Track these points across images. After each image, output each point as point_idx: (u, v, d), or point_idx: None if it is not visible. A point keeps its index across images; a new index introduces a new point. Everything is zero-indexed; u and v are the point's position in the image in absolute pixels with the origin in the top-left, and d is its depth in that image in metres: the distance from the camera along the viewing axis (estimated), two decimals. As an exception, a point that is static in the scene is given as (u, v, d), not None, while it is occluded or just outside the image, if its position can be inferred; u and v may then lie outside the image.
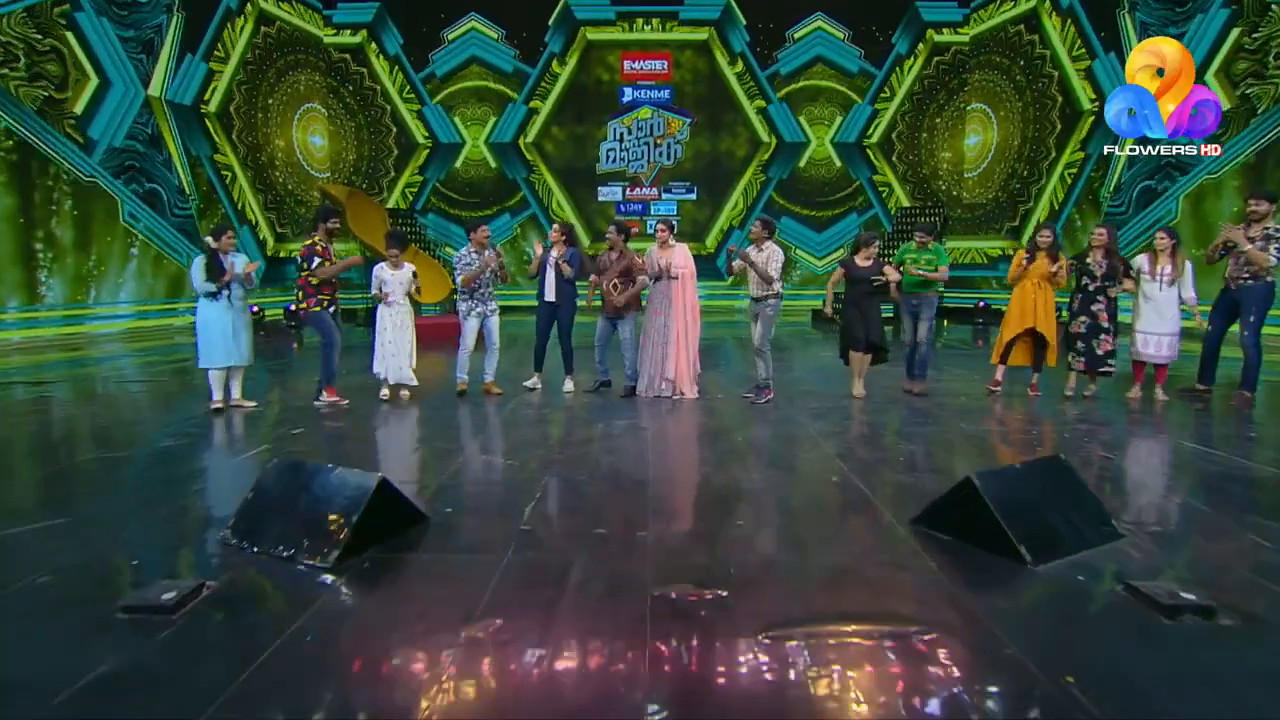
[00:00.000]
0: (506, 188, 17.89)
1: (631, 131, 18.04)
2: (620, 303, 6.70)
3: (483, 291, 6.84)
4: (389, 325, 6.51)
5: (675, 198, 18.24)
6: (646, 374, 6.79)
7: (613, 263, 6.78)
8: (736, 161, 17.98)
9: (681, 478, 4.55)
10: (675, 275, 6.60)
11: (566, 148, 17.93)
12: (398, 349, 6.54)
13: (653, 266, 6.64)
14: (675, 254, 6.63)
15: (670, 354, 6.66)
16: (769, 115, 17.87)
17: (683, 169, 18.07)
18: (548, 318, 6.99)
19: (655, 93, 18.06)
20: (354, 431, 5.70)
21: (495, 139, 17.72)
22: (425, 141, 17.79)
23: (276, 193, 15.60)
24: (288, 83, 15.86)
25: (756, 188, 18.13)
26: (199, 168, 13.48)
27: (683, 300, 6.63)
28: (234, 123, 14.32)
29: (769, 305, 6.48)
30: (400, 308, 6.54)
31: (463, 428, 5.91)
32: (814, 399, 6.97)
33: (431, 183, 17.83)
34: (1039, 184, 14.78)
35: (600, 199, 18.19)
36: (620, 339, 6.86)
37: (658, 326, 6.67)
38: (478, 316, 6.85)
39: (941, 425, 5.92)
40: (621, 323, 6.80)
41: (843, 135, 17.88)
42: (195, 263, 6.02)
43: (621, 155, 18.15)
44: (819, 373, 8.77)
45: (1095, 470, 4.61)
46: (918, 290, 7.00)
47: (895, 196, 18.01)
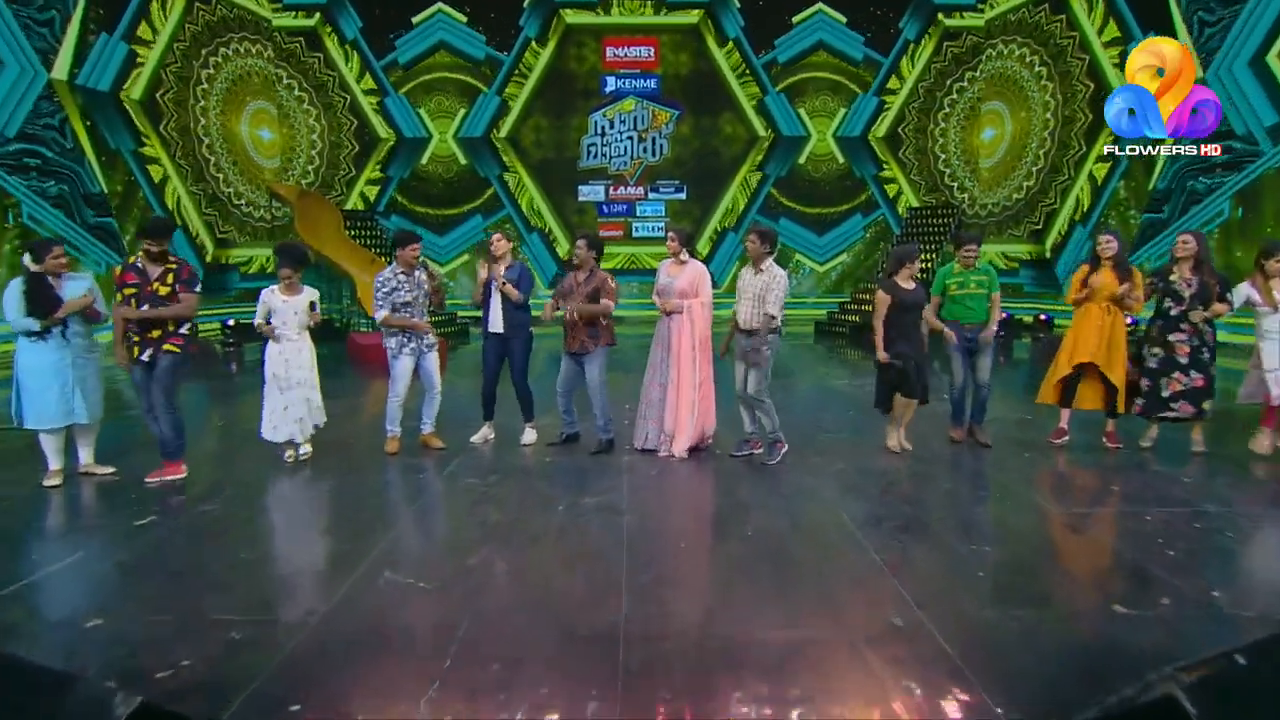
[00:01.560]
0: (478, 186, 16.93)
1: (614, 125, 16.99)
2: (576, 319, 5.35)
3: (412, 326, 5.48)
4: (279, 371, 5.09)
5: (663, 197, 17.29)
6: (644, 424, 5.53)
7: (578, 286, 5.40)
8: (730, 158, 17.09)
9: (667, 620, 3.10)
10: (679, 309, 5.26)
11: (544, 143, 17.03)
12: (290, 403, 5.09)
13: (664, 288, 5.35)
14: (684, 274, 5.28)
15: (669, 400, 5.37)
16: (766, 107, 16.92)
17: (671, 166, 17.13)
18: (496, 354, 5.68)
19: (640, 82, 16.98)
20: (224, 520, 4.22)
21: (465, 133, 16.76)
22: (388, 136, 16.74)
23: (217, 192, 14.32)
24: (230, 69, 14.52)
25: (752, 186, 17.20)
26: (119, 163, 11.98)
27: (689, 335, 5.27)
28: (163, 112, 12.98)
29: (767, 343, 5.11)
30: (294, 345, 5.15)
31: (380, 510, 4.48)
32: (838, 455, 5.57)
33: (395, 181, 16.80)
34: (1064, 182, 13.49)
35: (581, 198, 17.21)
36: (589, 380, 5.51)
37: (656, 364, 5.41)
38: (411, 354, 5.51)
39: (1016, 502, 4.54)
40: (588, 360, 5.49)
41: (846, 129, 16.92)
42: (9, 291, 4.52)
43: (604, 151, 17.08)
44: (832, 407, 7.36)
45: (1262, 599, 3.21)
46: (975, 321, 5.59)
47: (904, 196, 17.02)
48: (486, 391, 5.81)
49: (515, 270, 5.53)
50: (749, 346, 5.16)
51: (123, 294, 4.60)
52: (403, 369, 5.48)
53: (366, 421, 6.69)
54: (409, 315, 5.46)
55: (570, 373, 5.63)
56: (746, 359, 5.19)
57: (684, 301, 5.28)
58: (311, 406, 5.29)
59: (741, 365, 5.27)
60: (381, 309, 5.34)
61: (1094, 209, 13.08)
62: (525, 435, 5.87)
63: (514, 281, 5.48)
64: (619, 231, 17.32)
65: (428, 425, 5.73)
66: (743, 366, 5.26)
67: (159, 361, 4.70)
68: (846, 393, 8.31)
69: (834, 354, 12.12)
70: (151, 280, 4.68)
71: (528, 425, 5.91)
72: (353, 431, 6.29)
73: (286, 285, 5.14)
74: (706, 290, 5.33)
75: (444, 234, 16.91)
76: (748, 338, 5.18)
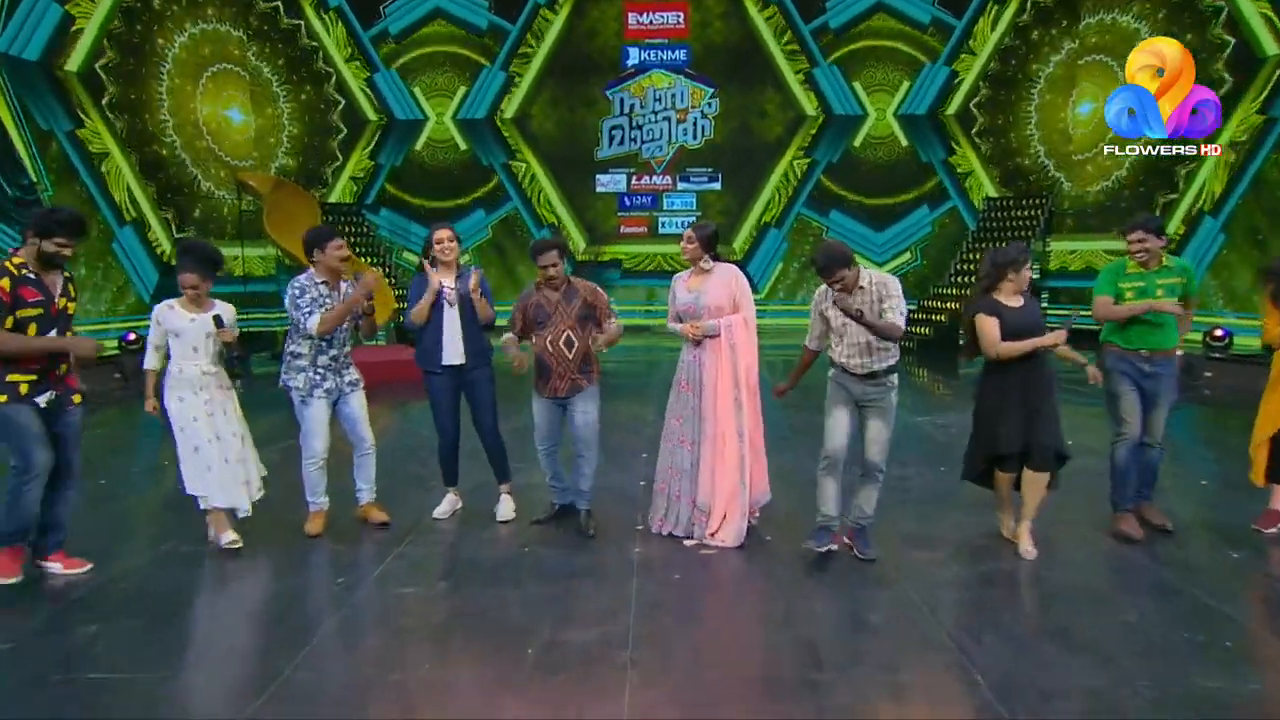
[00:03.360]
0: (480, 175, 16.15)
1: (645, 104, 16.05)
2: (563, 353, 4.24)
3: (334, 353, 4.32)
4: (199, 413, 4.02)
5: (694, 188, 16.28)
6: (666, 496, 4.35)
7: (554, 307, 4.25)
8: (772, 141, 16.05)
9: None
10: (713, 331, 4.12)
11: (557, 125, 16.18)
12: (225, 454, 4.07)
13: (687, 308, 4.25)
14: (711, 285, 4.18)
15: (705, 464, 4.16)
16: (815, 81, 15.86)
17: (704, 152, 16.17)
18: (453, 393, 4.49)
19: (668, 54, 16.00)
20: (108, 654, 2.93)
21: (466, 114, 16.02)
22: (377, 118, 16.01)
23: (175, 182, 13.36)
24: (192, 39, 13.57)
25: (798, 174, 16.09)
26: (53, 147, 11.12)
27: (730, 368, 4.12)
28: (106, 87, 12.00)
29: (892, 383, 3.92)
30: (212, 380, 4.08)
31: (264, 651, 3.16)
32: (941, 543, 4.26)
33: (386, 170, 16.05)
34: (1189, 165, 11.84)
35: (599, 188, 16.32)
36: (571, 430, 4.35)
37: (685, 413, 4.26)
38: (326, 396, 4.28)
39: (1258, 648, 3.07)
40: (574, 402, 4.31)
41: (910, 106, 15.72)
42: None
43: (633, 135, 16.17)
44: (911, 456, 5.92)
45: None
46: (1155, 346, 4.13)
47: (979, 184, 15.66)
48: (446, 448, 4.63)
49: (469, 279, 4.34)
50: (869, 397, 3.90)
51: (13, 317, 3.51)
52: (315, 418, 4.25)
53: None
54: (331, 351, 4.30)
55: (553, 422, 4.42)
56: (864, 406, 3.93)
57: (719, 322, 4.12)
58: (246, 460, 4.21)
59: (844, 413, 3.95)
60: (311, 314, 4.13)
61: (1228, 196, 11.45)
62: (501, 507, 4.66)
63: (466, 292, 4.34)
64: (642, 228, 16.39)
65: (364, 494, 4.54)
66: (845, 416, 3.95)
67: (67, 414, 3.76)
68: (928, 434, 6.89)
69: (900, 376, 10.53)
70: (55, 295, 3.66)
71: (503, 490, 4.70)
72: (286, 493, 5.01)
73: (189, 297, 4.00)
74: (747, 301, 4.21)
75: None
76: (863, 379, 3.89)
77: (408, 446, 6.38)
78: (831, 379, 4.01)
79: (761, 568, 3.99)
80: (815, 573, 3.88)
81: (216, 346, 4.05)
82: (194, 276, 3.95)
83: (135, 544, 4.41)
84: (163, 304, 4.06)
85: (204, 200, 13.88)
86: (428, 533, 4.46)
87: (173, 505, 4.67)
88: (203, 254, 4.05)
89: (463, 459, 4.73)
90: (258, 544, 4.21)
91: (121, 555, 4.11)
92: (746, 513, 4.15)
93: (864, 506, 4.01)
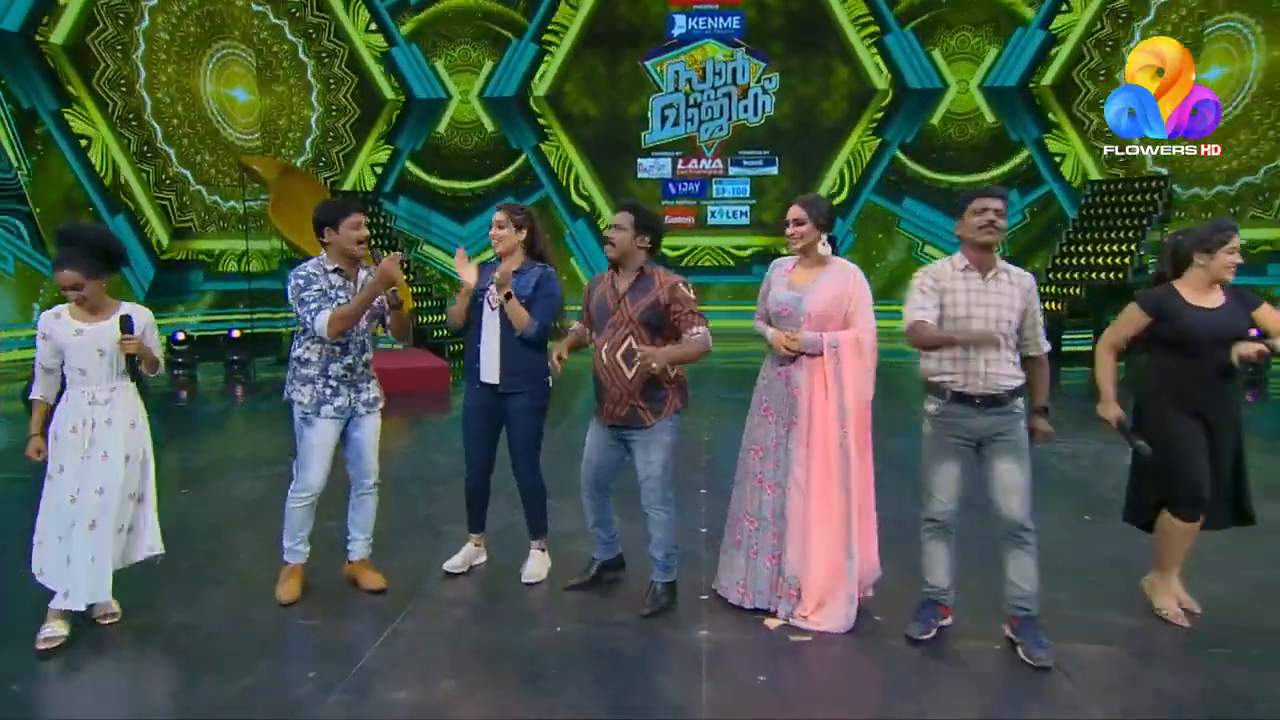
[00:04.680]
0: (509, 160, 16.00)
1: (705, 79, 15.66)
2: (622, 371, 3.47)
3: (349, 361, 3.65)
4: (71, 460, 3.26)
5: (748, 172, 15.90)
6: (743, 553, 3.58)
7: (620, 301, 3.48)
8: (837, 119, 15.65)
9: None
10: (813, 347, 3.39)
11: (594, 104, 15.94)
12: (90, 526, 3.22)
13: (783, 309, 3.49)
14: (821, 285, 3.43)
15: (794, 518, 3.44)
16: (887, 50, 15.36)
17: (759, 132, 15.83)
18: (487, 420, 3.87)
19: (719, 20, 15.59)
20: None
21: (493, 92, 15.88)
22: (395, 96, 15.80)
23: (173, 168, 13.27)
24: (193, 10, 13.45)
25: (867, 156, 15.62)
26: (36, 127, 10.98)
27: (836, 398, 3.39)
28: (98, 63, 11.85)
29: (1020, 409, 3.22)
30: (102, 409, 3.29)
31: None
32: (1112, 639, 3.32)
33: (405, 154, 15.96)
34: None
35: (641, 174, 16.02)
36: (638, 472, 3.57)
37: (767, 445, 3.52)
38: (336, 416, 3.64)
39: None
40: (643, 439, 3.53)
41: (999, 76, 15.18)
42: None
43: (689, 115, 15.81)
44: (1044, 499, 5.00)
45: None
46: None
47: (1079, 166, 14.95)
48: (472, 484, 3.98)
49: (529, 276, 3.73)
50: (1002, 422, 3.17)
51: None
52: (318, 442, 3.59)
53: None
54: (345, 358, 3.63)
55: (607, 458, 3.67)
56: (986, 444, 3.20)
57: (823, 338, 3.36)
58: (135, 529, 3.38)
59: (953, 462, 3.21)
60: (319, 310, 3.46)
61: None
62: (530, 566, 3.94)
63: (523, 295, 3.68)
64: (689, 219, 16.00)
65: (358, 546, 3.83)
66: (956, 464, 3.22)
67: None
68: (1057, 468, 5.96)
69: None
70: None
71: (535, 547, 4.01)
72: (256, 538, 4.30)
73: (78, 301, 3.23)
74: (865, 313, 3.40)
75: (465, 222, 15.93)
76: (987, 408, 3.15)
77: (419, 478, 5.70)
78: (932, 417, 3.26)
79: (877, 663, 3.14)
80: (951, 669, 3.04)
81: (110, 360, 3.26)
82: (74, 273, 3.14)
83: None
84: (49, 311, 3.29)
85: (204, 187, 13.77)
86: (434, 600, 3.69)
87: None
88: (87, 242, 3.25)
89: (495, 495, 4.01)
90: (204, 617, 3.48)
91: None
92: (855, 594, 3.36)
93: (1021, 583, 3.14)
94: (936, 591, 3.30)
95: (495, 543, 4.15)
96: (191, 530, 4.49)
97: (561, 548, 4.08)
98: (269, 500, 4.58)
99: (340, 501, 3.81)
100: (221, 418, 8.75)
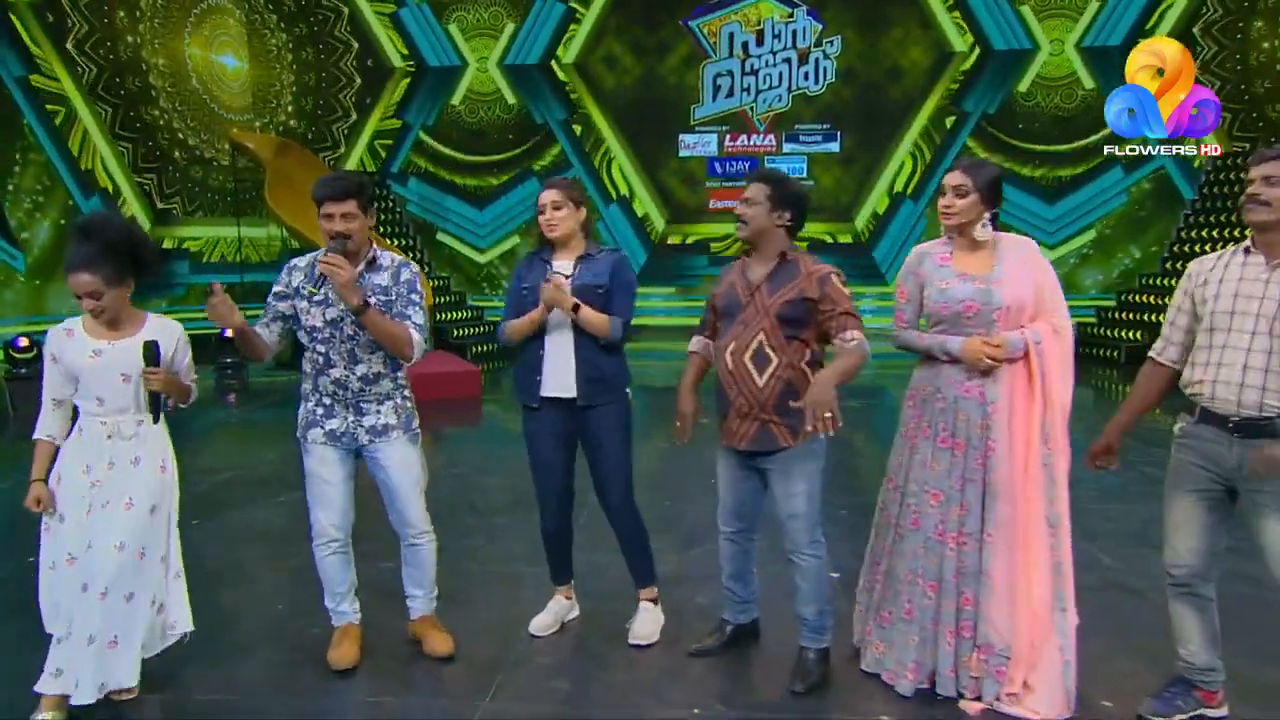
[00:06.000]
0: (532, 136, 15.80)
1: (763, 43, 15.31)
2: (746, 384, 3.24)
3: (338, 375, 3.25)
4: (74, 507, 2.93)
5: (805, 149, 15.54)
6: (909, 641, 3.15)
7: (750, 294, 3.19)
8: (909, 89, 15.33)
9: None
10: (1017, 350, 3.02)
11: (630, 72, 15.68)
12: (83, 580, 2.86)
13: (967, 308, 3.10)
14: (1008, 269, 3.08)
15: (998, 575, 3.02)
16: (967, 6, 15.02)
17: (819, 104, 15.52)
18: (560, 441, 3.53)
19: None
20: None
21: (515, 59, 15.65)
22: (404, 65, 15.71)
23: (155, 143, 13.05)
24: None
25: (943, 130, 15.28)
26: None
27: (1036, 414, 3.03)
28: (70, 24, 11.57)
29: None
30: (124, 447, 2.96)
31: None
32: None
33: (415, 130, 15.85)
34: None
35: (684, 152, 15.74)
36: (779, 508, 3.21)
37: (948, 485, 3.09)
38: (331, 443, 3.31)
39: None
40: (772, 468, 3.19)
41: (1100, 35, 14.62)
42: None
43: (745, 84, 15.46)
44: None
45: None
46: None
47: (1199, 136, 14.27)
48: (551, 525, 3.66)
49: (599, 264, 3.45)
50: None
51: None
52: (319, 471, 3.29)
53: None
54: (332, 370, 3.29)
55: (739, 490, 3.35)
56: (1247, 493, 2.76)
57: (1025, 336, 3.02)
58: (156, 616, 2.98)
59: (1196, 502, 2.85)
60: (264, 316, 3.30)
61: None
62: (639, 625, 3.59)
63: (600, 286, 3.38)
64: (735, 203, 15.51)
65: (418, 603, 3.49)
66: (1199, 506, 2.85)
67: None
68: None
69: (1103, 398, 9.83)
70: None
71: (644, 599, 3.67)
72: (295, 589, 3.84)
73: (93, 312, 2.90)
74: (1056, 294, 3.11)
75: (484, 207, 15.76)
76: (1246, 435, 2.68)
77: (473, 508, 5.39)
78: (1177, 440, 2.90)
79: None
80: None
81: (133, 390, 2.92)
82: (93, 278, 2.81)
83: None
84: (57, 327, 2.97)
85: (191, 166, 13.63)
86: (526, 669, 3.31)
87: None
88: (111, 238, 2.90)
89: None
90: (241, 691, 3.05)
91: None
92: (1072, 660, 2.96)
93: None
94: (1190, 667, 2.87)
95: (585, 587, 3.80)
96: (210, 574, 4.06)
97: (680, 612, 3.71)
98: (294, 533, 4.34)
99: (394, 538, 3.40)
100: (219, 431, 8.32)
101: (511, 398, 3.64)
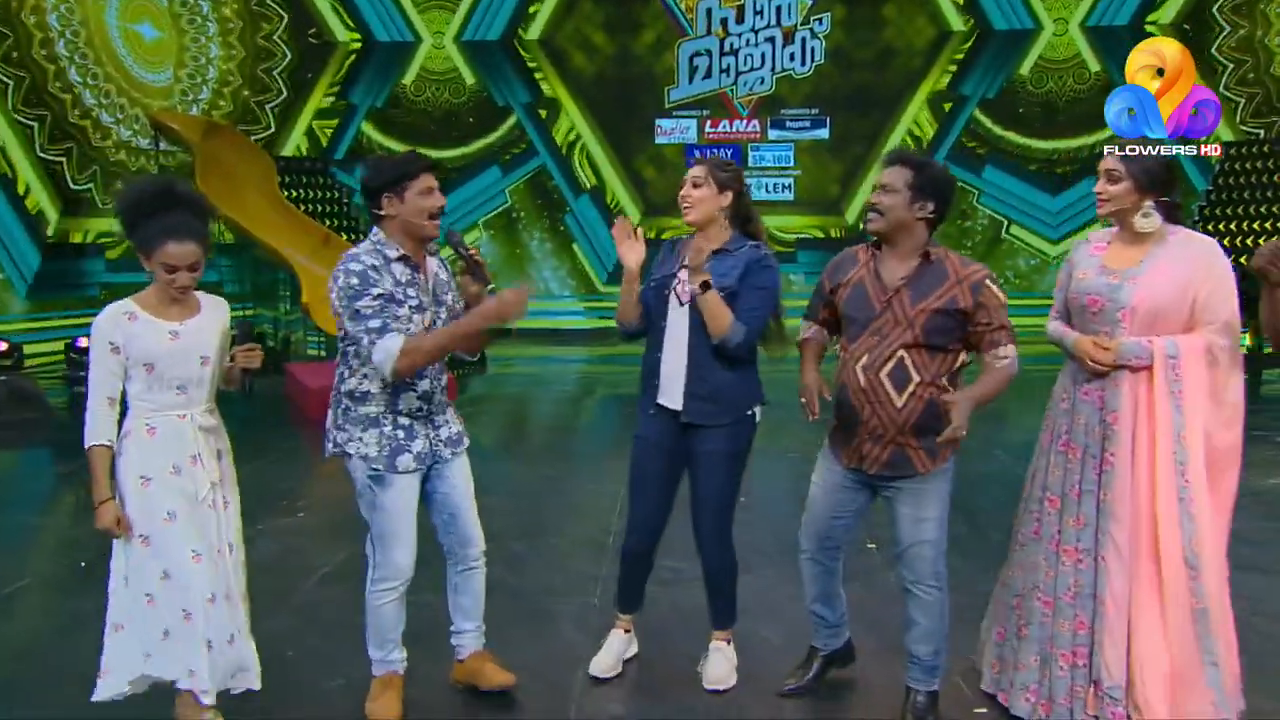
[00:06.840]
0: (493, 120, 16.03)
1: (744, 19, 15.50)
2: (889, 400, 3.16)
3: (427, 388, 3.26)
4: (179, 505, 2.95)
5: (791, 135, 15.93)
6: (1026, 661, 3.22)
7: (887, 299, 3.07)
8: (903, 72, 15.70)
9: None
10: (1137, 358, 3.00)
11: (601, 50, 15.96)
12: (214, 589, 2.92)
13: (1095, 302, 3.14)
14: (1156, 267, 3.02)
15: (1114, 605, 3.04)
16: None
17: (807, 86, 15.89)
18: (664, 458, 3.51)
19: None
20: None
21: (474, 35, 15.84)
22: (350, 39, 15.65)
23: (63, 127, 12.64)
24: None
25: (940, 115, 15.61)
26: None
27: (1165, 433, 3.01)
28: None
29: None
30: (208, 438, 3.04)
31: None
32: None
33: (362, 111, 15.91)
34: None
35: (660, 138, 15.97)
36: (901, 536, 3.22)
37: (1068, 495, 3.18)
38: (417, 467, 3.25)
39: None
40: (899, 494, 3.18)
41: (1106, 14, 15.14)
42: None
43: (725, 64, 15.56)
44: None
45: None
46: None
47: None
48: (637, 545, 3.62)
49: (735, 259, 3.35)
50: None
51: None
52: (399, 508, 3.18)
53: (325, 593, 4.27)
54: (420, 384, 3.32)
55: (845, 509, 3.31)
56: None
57: (1154, 345, 3.00)
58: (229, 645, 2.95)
59: None
60: (387, 331, 3.02)
61: None
62: (713, 668, 3.57)
63: (725, 286, 3.27)
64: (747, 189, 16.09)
65: (469, 639, 3.45)
66: None
67: None
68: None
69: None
70: None
71: (718, 639, 3.66)
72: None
73: (184, 288, 2.96)
74: (1226, 305, 3.00)
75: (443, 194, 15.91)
76: None
77: (523, 530, 5.19)
78: None
79: None
80: None
81: (210, 373, 2.97)
82: (198, 247, 2.86)
83: None
84: (113, 310, 2.89)
85: (107, 150, 13.22)
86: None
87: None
88: (199, 200, 2.99)
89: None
90: None
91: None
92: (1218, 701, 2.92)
93: None
94: None
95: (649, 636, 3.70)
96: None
97: (755, 652, 3.63)
98: (280, 566, 4.34)
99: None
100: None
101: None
